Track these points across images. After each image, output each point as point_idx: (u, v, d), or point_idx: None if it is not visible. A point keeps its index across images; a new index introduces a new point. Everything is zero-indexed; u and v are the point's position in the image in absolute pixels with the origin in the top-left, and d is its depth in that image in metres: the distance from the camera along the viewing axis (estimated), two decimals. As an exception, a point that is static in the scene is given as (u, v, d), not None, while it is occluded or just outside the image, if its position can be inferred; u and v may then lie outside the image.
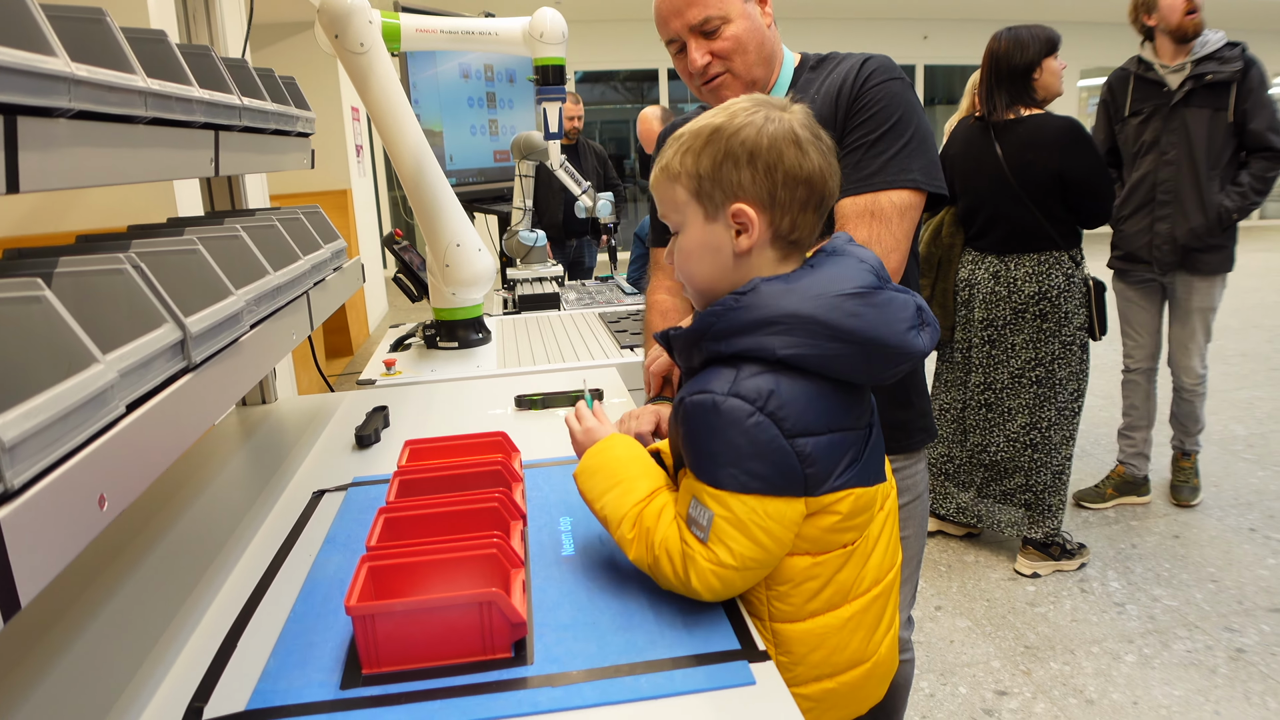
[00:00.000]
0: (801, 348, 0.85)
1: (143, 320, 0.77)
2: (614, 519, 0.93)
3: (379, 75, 1.94)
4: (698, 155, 0.91)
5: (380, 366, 2.14)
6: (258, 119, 1.21)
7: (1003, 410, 2.80)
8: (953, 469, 3.00)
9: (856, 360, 0.86)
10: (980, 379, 2.83)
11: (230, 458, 1.51)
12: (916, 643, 2.45)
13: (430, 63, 4.06)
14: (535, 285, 3.25)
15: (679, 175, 0.93)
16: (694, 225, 0.94)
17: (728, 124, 0.90)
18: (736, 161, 0.89)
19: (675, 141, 0.94)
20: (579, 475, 0.99)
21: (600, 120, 11.32)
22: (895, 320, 0.87)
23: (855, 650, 0.96)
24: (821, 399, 0.87)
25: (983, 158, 2.70)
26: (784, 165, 0.88)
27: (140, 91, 0.84)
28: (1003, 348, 2.76)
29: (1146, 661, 2.31)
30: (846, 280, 0.87)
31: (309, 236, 1.33)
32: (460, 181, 4.35)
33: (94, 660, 0.90)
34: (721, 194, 0.90)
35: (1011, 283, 2.71)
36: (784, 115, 0.90)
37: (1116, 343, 3.37)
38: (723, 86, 1.33)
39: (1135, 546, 2.95)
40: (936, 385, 3.01)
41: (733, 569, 0.86)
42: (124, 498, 0.65)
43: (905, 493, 1.47)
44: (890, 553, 1.01)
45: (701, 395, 0.87)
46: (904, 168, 1.26)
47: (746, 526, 0.85)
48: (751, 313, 0.86)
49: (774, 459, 0.85)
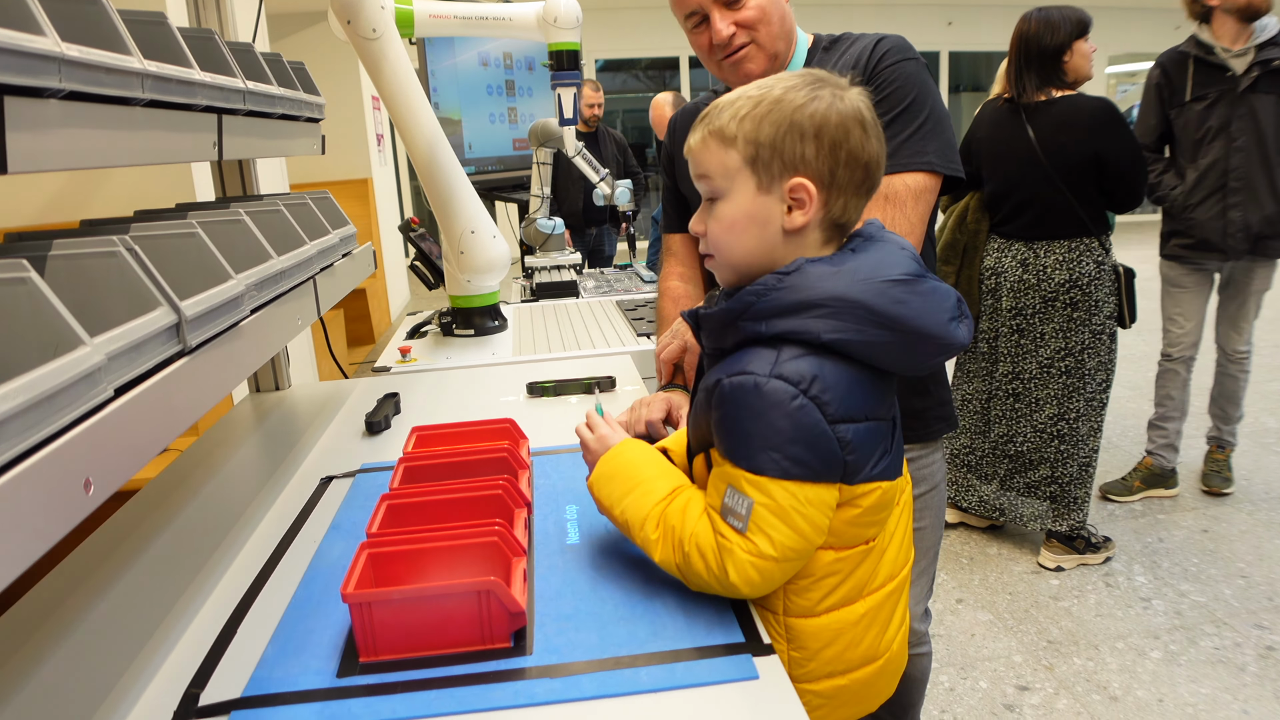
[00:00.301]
0: (847, 332, 0.82)
1: (137, 303, 0.76)
2: (635, 521, 0.90)
3: (391, 61, 1.93)
4: (758, 122, 0.86)
5: (396, 354, 2.14)
6: (263, 103, 1.20)
7: (1030, 401, 2.74)
8: (975, 460, 2.94)
9: (898, 349, 0.83)
10: (1008, 369, 2.77)
11: (241, 443, 1.51)
12: (937, 636, 2.42)
13: (449, 51, 4.05)
14: (553, 273, 3.24)
15: (734, 139, 0.87)
16: (742, 194, 0.88)
17: (789, 96, 0.86)
18: (803, 134, 0.85)
19: (728, 106, 0.88)
20: (594, 483, 0.96)
21: (622, 109, 11.27)
22: (939, 310, 0.84)
23: (868, 647, 0.93)
24: (860, 385, 0.84)
25: (1013, 140, 2.64)
26: (849, 145, 0.85)
27: (137, 73, 0.83)
28: (1031, 337, 2.70)
29: (1173, 658, 2.27)
30: (892, 266, 0.84)
31: (317, 222, 1.32)
32: (479, 169, 4.35)
33: (95, 645, 0.89)
34: (781, 165, 0.86)
35: (1041, 270, 2.64)
36: (849, 94, 0.87)
37: (1142, 333, 3.30)
38: (746, 59, 1.30)
39: (1162, 540, 2.89)
40: (959, 375, 2.96)
41: (773, 559, 0.82)
42: (112, 482, 0.64)
43: (921, 483, 1.44)
44: (905, 548, 0.99)
45: (742, 376, 0.83)
46: (919, 150, 1.24)
47: (788, 514, 0.82)
48: (796, 294, 0.83)
49: (817, 444, 0.82)
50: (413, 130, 2.03)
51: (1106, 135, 2.54)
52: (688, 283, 1.54)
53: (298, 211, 1.27)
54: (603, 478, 0.95)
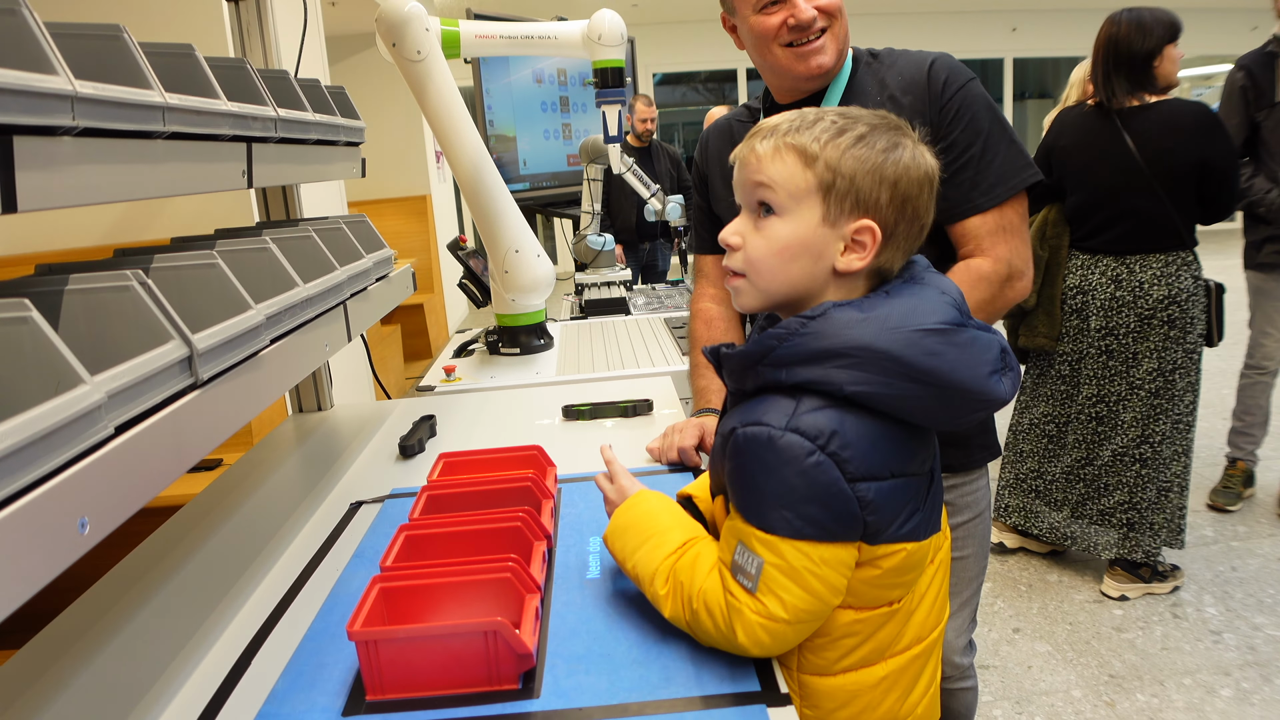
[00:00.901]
0: (871, 385, 0.76)
1: (150, 337, 0.76)
2: (645, 576, 0.87)
3: (436, 82, 1.94)
4: (843, 152, 0.82)
5: (441, 373, 2.15)
6: (296, 129, 1.21)
7: (1114, 424, 2.60)
8: (1043, 486, 2.80)
9: (931, 403, 0.78)
10: (1092, 391, 2.62)
11: (278, 465, 1.52)
12: (991, 667, 2.33)
13: (505, 70, 4.10)
14: (603, 290, 3.23)
15: (815, 160, 0.82)
16: (805, 219, 0.83)
17: (874, 137, 0.83)
18: (883, 179, 0.82)
19: (808, 126, 0.84)
20: (608, 538, 0.94)
21: (682, 121, 11.28)
22: (978, 363, 0.78)
23: (887, 710, 0.88)
24: (886, 440, 0.79)
25: (1108, 147, 2.49)
26: (917, 203, 0.84)
27: (158, 106, 0.84)
28: (1122, 358, 2.55)
29: (1245, 697, 2.14)
30: (927, 314, 0.78)
31: (350, 246, 1.32)
32: (534, 186, 4.38)
33: (114, 674, 0.90)
34: (854, 203, 0.82)
35: (1138, 287, 2.49)
36: (925, 152, 0.85)
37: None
38: (820, 50, 1.28)
39: (1235, 570, 2.74)
40: (1029, 399, 2.82)
41: (784, 622, 0.78)
42: (109, 521, 0.64)
43: (964, 510, 1.39)
44: (937, 609, 0.92)
45: (756, 428, 0.79)
46: (1016, 170, 1.26)
47: (800, 575, 0.78)
48: (819, 340, 0.77)
49: (833, 504, 0.77)
50: (457, 151, 2.05)
51: (1211, 140, 2.42)
52: (720, 304, 1.51)
53: (330, 236, 1.27)
54: (617, 531, 0.93)
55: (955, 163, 1.25)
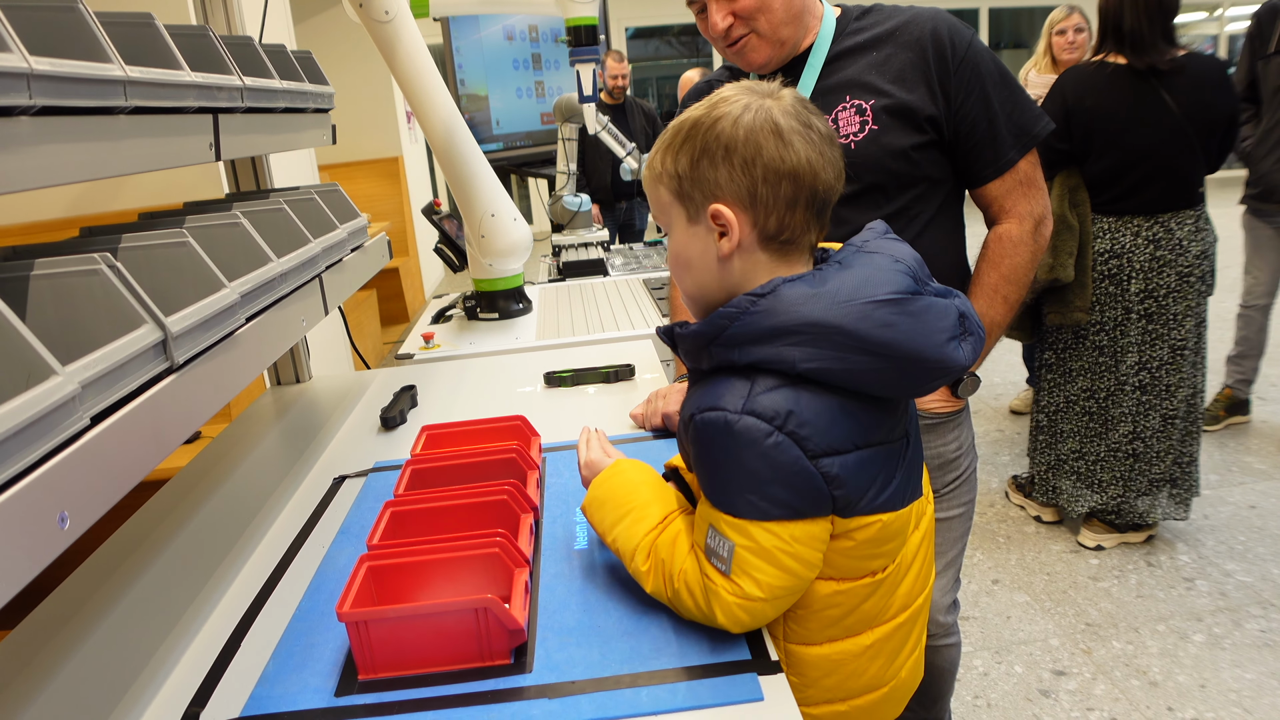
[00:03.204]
0: (825, 361, 0.75)
1: (122, 322, 0.74)
2: (626, 552, 0.87)
3: (405, 44, 1.89)
4: (676, 153, 0.83)
5: (419, 340, 2.13)
6: (263, 98, 1.17)
7: (1159, 390, 2.52)
8: (1085, 467, 2.67)
9: (888, 375, 0.77)
10: (1135, 360, 2.51)
11: (258, 441, 1.51)
12: (972, 618, 2.38)
13: (474, 27, 4.01)
14: (580, 251, 3.20)
15: (660, 175, 0.85)
16: (678, 228, 0.86)
17: (706, 116, 0.82)
18: (713, 158, 0.80)
19: (661, 138, 0.86)
20: (586, 509, 0.93)
21: (656, 76, 11.12)
22: (933, 330, 0.77)
23: (872, 677, 0.89)
24: (848, 414, 0.78)
25: (1146, 107, 2.41)
26: (763, 159, 0.79)
27: (119, 80, 0.81)
28: (1162, 320, 2.47)
29: (1216, 642, 2.20)
30: (880, 284, 0.77)
31: (323, 217, 1.30)
32: (508, 145, 4.31)
33: (100, 661, 0.90)
34: (700, 194, 0.82)
35: (1177, 245, 2.43)
36: (765, 103, 0.81)
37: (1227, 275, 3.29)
38: (747, 49, 1.26)
39: (1207, 517, 2.81)
40: (1059, 376, 2.67)
41: (760, 600, 0.79)
42: (90, 513, 0.63)
43: (949, 470, 1.39)
44: (923, 575, 0.93)
45: (713, 413, 0.78)
46: (1026, 127, 1.28)
47: (772, 555, 0.78)
48: (770, 318, 0.76)
49: (797, 482, 0.77)
50: (429, 115, 2.01)
51: (1232, 93, 2.46)
52: None
53: (302, 208, 1.25)
54: (594, 503, 0.92)
55: (968, 132, 1.25)
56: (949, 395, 1.36)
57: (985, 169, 1.28)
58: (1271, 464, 3.12)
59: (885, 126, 1.23)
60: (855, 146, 1.24)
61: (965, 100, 1.24)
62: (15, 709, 0.81)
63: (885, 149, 1.24)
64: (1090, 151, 2.49)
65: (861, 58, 1.27)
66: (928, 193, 1.30)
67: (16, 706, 0.81)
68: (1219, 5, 10.58)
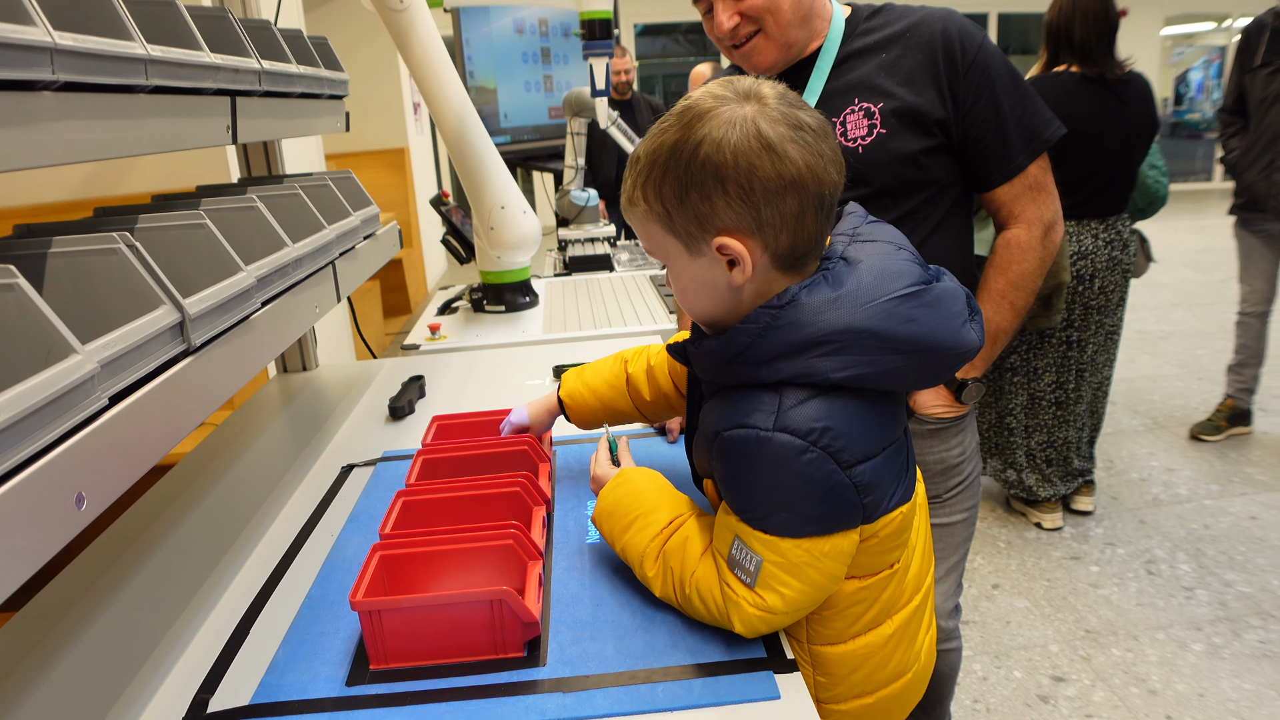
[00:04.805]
0: (858, 367, 0.73)
1: (140, 302, 0.74)
2: (634, 559, 0.87)
3: (420, 33, 1.89)
4: (659, 186, 0.76)
5: (425, 331, 2.12)
6: (281, 82, 1.16)
7: (1096, 370, 2.81)
8: (1055, 455, 2.84)
9: (912, 369, 0.76)
10: (1092, 351, 2.76)
11: (265, 429, 1.50)
12: (972, 623, 2.37)
13: (484, 19, 4.00)
14: (586, 246, 3.19)
15: (647, 213, 0.78)
16: (679, 262, 0.79)
17: (685, 141, 0.74)
18: (703, 189, 0.73)
19: (633, 166, 0.79)
20: (596, 521, 0.93)
21: (663, 74, 11.10)
22: (950, 317, 0.76)
23: (896, 664, 0.89)
24: (872, 416, 0.77)
25: (1109, 116, 2.58)
26: (759, 179, 0.72)
27: (140, 59, 0.80)
28: (1107, 311, 2.72)
29: (1215, 651, 2.20)
30: (895, 277, 0.75)
31: (337, 204, 1.29)
32: (515, 139, 4.31)
33: (109, 644, 0.89)
34: (698, 228, 0.75)
35: (1124, 244, 2.68)
36: (747, 111, 0.73)
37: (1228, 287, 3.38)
38: (755, 51, 1.24)
39: (1208, 527, 2.80)
40: (1024, 378, 2.81)
41: (781, 613, 0.78)
42: (107, 494, 0.62)
43: (951, 475, 1.38)
44: (928, 556, 0.94)
45: (743, 430, 0.75)
46: (1037, 131, 1.25)
47: (801, 570, 0.76)
48: (796, 331, 0.73)
49: (831, 497, 0.75)
50: (441, 104, 2.00)
51: (1157, 110, 2.67)
52: None
53: (317, 194, 1.24)
54: (603, 514, 0.92)
55: (977, 136, 1.24)
56: (953, 401, 1.35)
57: (994, 173, 1.27)
58: (1273, 475, 3.12)
59: (894, 130, 1.22)
60: (863, 151, 1.22)
61: (975, 103, 1.23)
62: (22, 692, 0.80)
63: (893, 154, 1.22)
64: (1067, 157, 2.58)
65: (871, 59, 1.26)
66: (936, 197, 1.28)
67: (23, 690, 0.80)
68: (1227, 16, 10.58)
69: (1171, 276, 6.33)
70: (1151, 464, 3.24)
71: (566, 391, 1.15)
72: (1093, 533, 2.81)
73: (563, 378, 1.17)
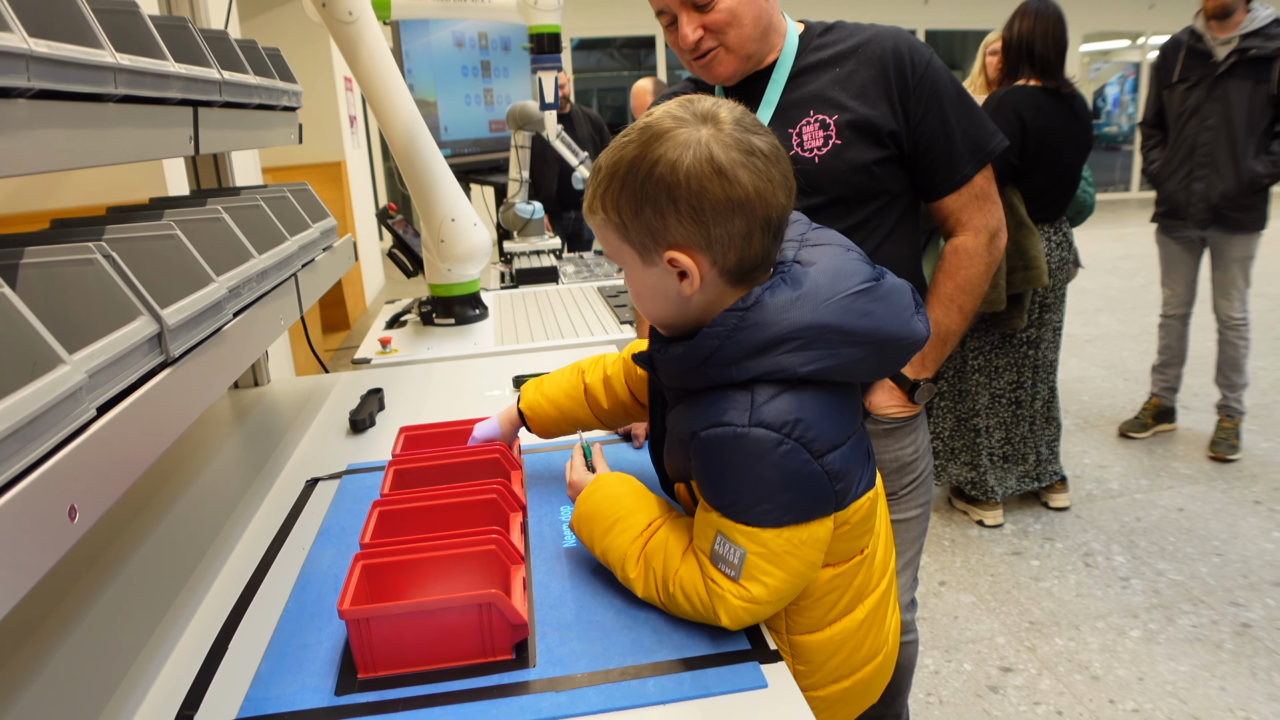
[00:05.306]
0: (823, 360, 0.78)
1: (117, 313, 0.73)
2: (615, 561, 0.89)
3: (369, 45, 1.88)
4: (617, 199, 0.80)
5: (376, 345, 2.10)
6: (240, 93, 1.15)
7: (1047, 365, 2.92)
8: (1011, 451, 2.97)
9: (871, 359, 0.81)
10: (1044, 348, 2.90)
11: (221, 445, 1.47)
12: (922, 619, 2.43)
13: (423, 31, 3.97)
14: (533, 259, 3.19)
15: (605, 221, 0.82)
16: (633, 268, 0.84)
17: (642, 158, 0.77)
18: (656, 206, 0.77)
19: (595, 175, 0.83)
20: (574, 527, 0.95)
21: (597, 88, 11.16)
22: (900, 309, 0.83)
23: (869, 647, 0.93)
24: (837, 406, 0.82)
25: (1067, 127, 2.73)
26: (709, 200, 0.76)
27: (110, 68, 0.79)
28: (1055, 309, 2.86)
29: (1152, 637, 2.30)
30: (849, 276, 0.81)
31: (296, 216, 1.28)
32: (455, 152, 4.28)
33: (79, 666, 0.86)
34: (651, 240, 0.80)
35: (1070, 247, 2.86)
36: (702, 134, 0.76)
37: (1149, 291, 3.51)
38: (715, 62, 1.28)
39: (1139, 520, 2.93)
40: (985, 378, 2.92)
41: (765, 603, 0.81)
42: (97, 507, 0.61)
43: (906, 472, 1.43)
44: (890, 541, 1.00)
45: (720, 429, 0.78)
46: (981, 144, 1.31)
47: (782, 558, 0.80)
48: (762, 331, 0.77)
49: (806, 485, 0.79)
50: (391, 116, 1.99)
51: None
52: None
53: (277, 205, 1.23)
54: (581, 519, 0.94)
55: (926, 148, 1.29)
56: (906, 401, 1.39)
57: (942, 183, 1.32)
58: (1197, 469, 3.28)
59: (849, 141, 1.26)
60: (819, 161, 1.27)
61: (924, 117, 1.28)
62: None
63: (849, 164, 1.27)
64: (1038, 165, 2.74)
65: (825, 73, 1.30)
66: (888, 205, 1.34)
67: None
68: (1141, 34, 11.10)
69: (1095, 282, 6.60)
70: (1084, 461, 3.37)
71: (526, 403, 1.17)
72: (1032, 529, 2.91)
73: (522, 389, 1.19)
